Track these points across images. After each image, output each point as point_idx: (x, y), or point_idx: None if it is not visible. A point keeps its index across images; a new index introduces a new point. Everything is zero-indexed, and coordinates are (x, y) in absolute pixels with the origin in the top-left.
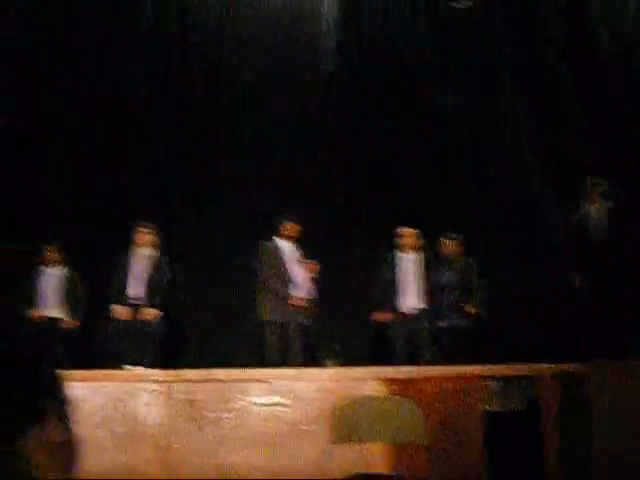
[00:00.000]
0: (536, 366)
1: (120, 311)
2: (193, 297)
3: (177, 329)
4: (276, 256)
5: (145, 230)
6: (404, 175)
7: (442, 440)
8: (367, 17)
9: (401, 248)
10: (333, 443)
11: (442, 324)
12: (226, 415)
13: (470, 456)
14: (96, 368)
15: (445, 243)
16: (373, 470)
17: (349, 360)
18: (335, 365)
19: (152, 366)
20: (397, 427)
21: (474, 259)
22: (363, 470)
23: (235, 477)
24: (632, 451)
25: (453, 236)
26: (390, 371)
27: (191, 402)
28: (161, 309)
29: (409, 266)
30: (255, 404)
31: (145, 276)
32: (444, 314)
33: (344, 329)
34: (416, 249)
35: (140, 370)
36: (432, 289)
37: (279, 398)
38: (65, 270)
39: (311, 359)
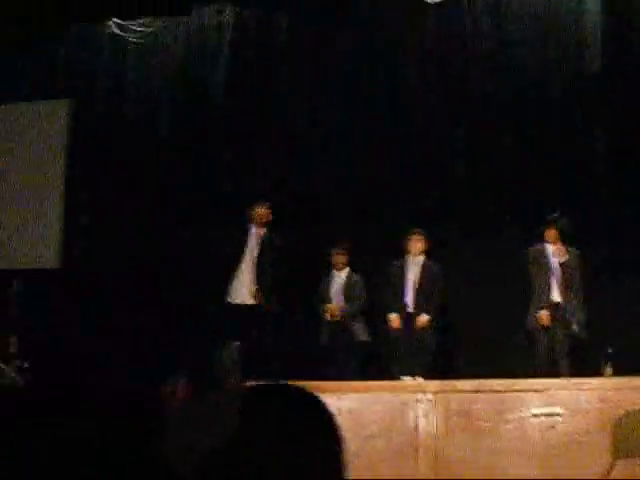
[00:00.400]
0: None
1: (395, 320)
2: (463, 305)
3: (449, 337)
4: (540, 262)
5: (418, 237)
6: None
7: None
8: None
9: None
10: (615, 457)
11: None
12: (503, 426)
13: None
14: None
15: None
16: None
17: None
18: (612, 373)
19: (427, 376)
20: None
21: None
22: None
23: None
24: None
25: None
26: None
27: (467, 413)
28: (434, 317)
29: None
30: (533, 415)
31: (417, 284)
32: None
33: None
34: None
35: (417, 381)
36: None
37: (558, 409)
38: (350, 273)
39: (583, 367)
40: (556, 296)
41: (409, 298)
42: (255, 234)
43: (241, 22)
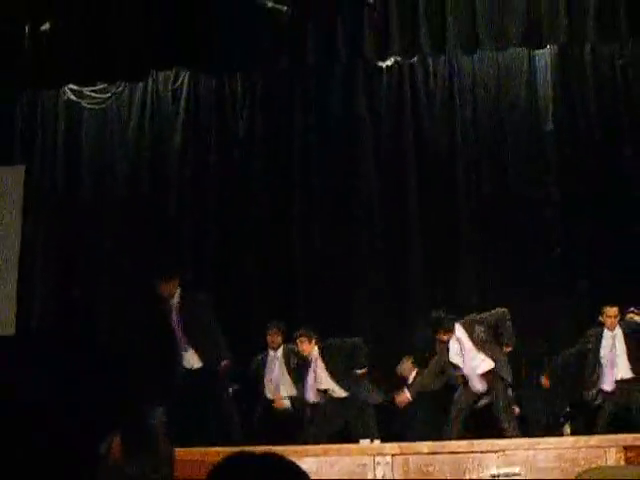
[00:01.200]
0: None
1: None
2: None
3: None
4: None
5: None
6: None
7: None
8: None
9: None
10: None
11: None
12: None
13: None
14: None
15: None
16: None
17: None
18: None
19: (386, 439)
20: None
21: None
22: None
23: None
24: None
25: None
26: (628, 438)
27: (426, 474)
28: None
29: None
30: (492, 476)
31: None
32: None
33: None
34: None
35: (375, 443)
36: None
37: (516, 469)
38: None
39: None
40: None
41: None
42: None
43: (197, 88)
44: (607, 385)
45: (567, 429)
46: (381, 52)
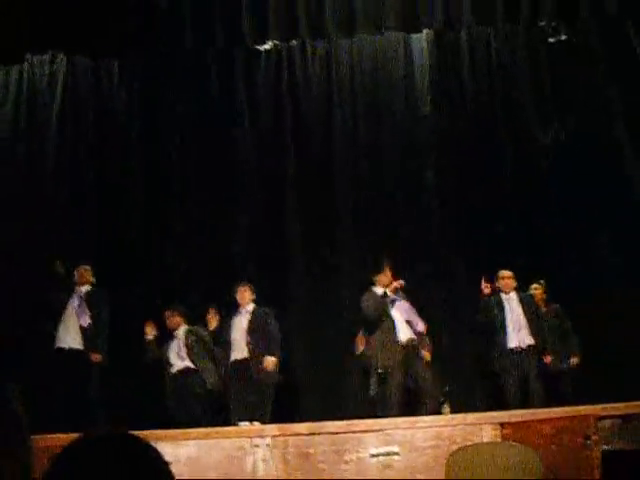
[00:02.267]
0: None
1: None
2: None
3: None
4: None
5: (244, 288)
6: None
7: None
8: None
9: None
10: None
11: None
12: (342, 467)
13: None
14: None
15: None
16: None
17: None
18: (449, 411)
19: (267, 421)
20: (512, 473)
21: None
22: None
23: None
24: None
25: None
26: (504, 415)
27: (306, 455)
28: (278, 359)
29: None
30: (371, 455)
31: (249, 330)
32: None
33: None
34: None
35: (254, 426)
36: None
37: (395, 448)
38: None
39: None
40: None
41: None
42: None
43: (74, 71)
44: (511, 344)
45: (446, 409)
46: (260, 36)
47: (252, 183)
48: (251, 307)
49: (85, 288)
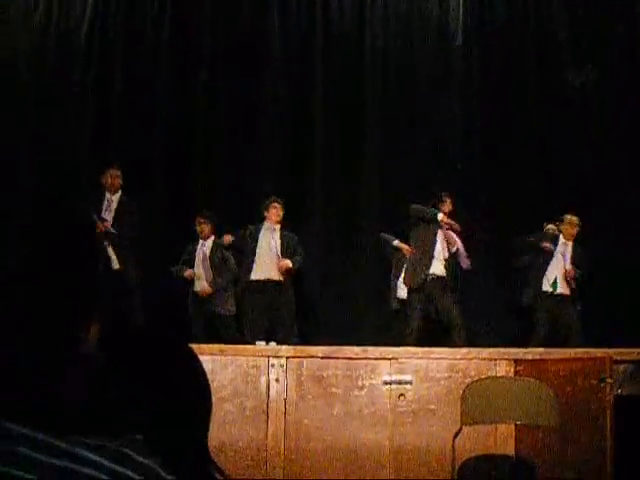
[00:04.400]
0: None
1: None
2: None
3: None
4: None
5: (276, 205)
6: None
7: (572, 424)
8: None
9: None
10: (462, 424)
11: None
12: (355, 393)
13: (601, 441)
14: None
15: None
16: (501, 451)
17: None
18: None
19: (283, 341)
20: (527, 409)
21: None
22: (491, 451)
23: (362, 454)
24: None
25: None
26: (520, 352)
27: (319, 379)
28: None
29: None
30: (384, 382)
31: (278, 251)
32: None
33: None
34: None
35: (270, 345)
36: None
37: (408, 377)
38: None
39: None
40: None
41: (267, 264)
42: (108, 200)
43: None
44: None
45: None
46: None
47: (279, 113)
48: (278, 227)
49: (116, 196)
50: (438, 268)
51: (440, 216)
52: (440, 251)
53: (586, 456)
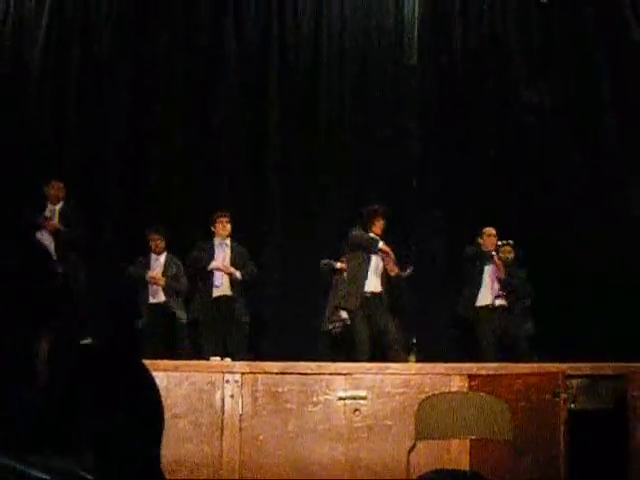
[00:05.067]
0: (624, 365)
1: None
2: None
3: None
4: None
5: (225, 219)
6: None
7: (526, 438)
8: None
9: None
10: (417, 439)
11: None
12: (310, 408)
13: (554, 454)
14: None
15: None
16: (455, 466)
17: (432, 355)
18: (415, 360)
19: (238, 357)
20: (481, 423)
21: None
22: (445, 466)
23: (317, 470)
24: None
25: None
26: (474, 367)
27: (274, 394)
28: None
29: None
30: (339, 398)
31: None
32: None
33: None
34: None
35: (225, 361)
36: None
37: (363, 392)
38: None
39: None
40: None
41: (219, 279)
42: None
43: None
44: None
45: (412, 357)
46: None
47: (234, 130)
48: (229, 240)
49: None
50: (374, 285)
51: (380, 244)
52: (375, 269)
53: (540, 470)
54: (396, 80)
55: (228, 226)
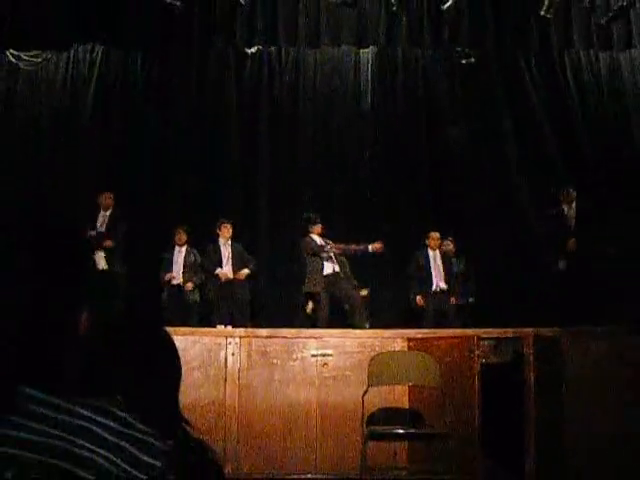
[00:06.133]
0: (520, 329)
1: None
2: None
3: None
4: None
5: (227, 225)
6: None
7: (450, 385)
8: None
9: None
10: (369, 385)
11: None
12: (290, 363)
13: (471, 397)
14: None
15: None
16: (397, 406)
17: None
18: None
19: (237, 325)
20: (417, 374)
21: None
22: (390, 406)
23: (295, 408)
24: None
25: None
26: (412, 332)
27: (264, 353)
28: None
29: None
30: (312, 355)
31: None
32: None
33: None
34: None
35: (227, 328)
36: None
37: (330, 351)
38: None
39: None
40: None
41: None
42: (102, 215)
43: (107, 60)
44: (432, 288)
45: (367, 325)
46: (248, 41)
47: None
48: (230, 241)
49: (108, 212)
50: (331, 268)
51: (316, 238)
52: (330, 259)
53: (460, 409)
54: (355, 121)
55: (230, 230)
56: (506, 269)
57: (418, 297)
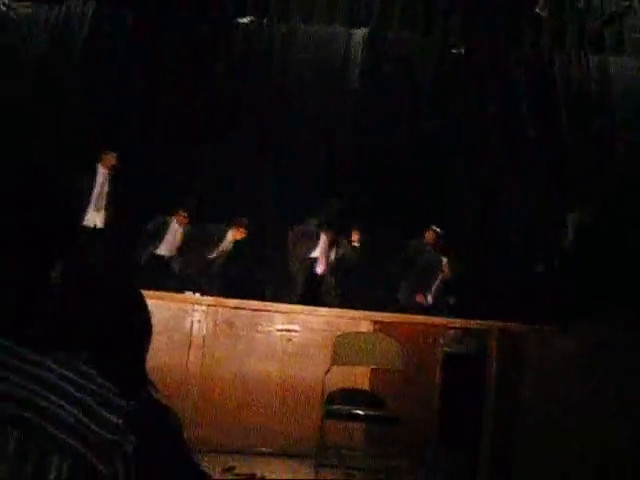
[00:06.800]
0: (484, 322)
1: None
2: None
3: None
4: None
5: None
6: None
7: (412, 370)
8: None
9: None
10: (332, 364)
11: None
12: (255, 335)
13: (432, 384)
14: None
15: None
16: (358, 386)
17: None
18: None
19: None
20: (380, 356)
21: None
22: (350, 386)
23: (256, 381)
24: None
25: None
26: (378, 315)
27: (230, 323)
28: None
29: None
30: (277, 330)
31: None
32: None
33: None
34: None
35: (195, 295)
36: None
37: (296, 327)
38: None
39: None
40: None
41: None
42: (102, 174)
43: (97, 14)
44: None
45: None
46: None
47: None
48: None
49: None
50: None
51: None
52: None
53: (421, 393)
54: (341, 99)
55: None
56: (489, 267)
57: (418, 295)
